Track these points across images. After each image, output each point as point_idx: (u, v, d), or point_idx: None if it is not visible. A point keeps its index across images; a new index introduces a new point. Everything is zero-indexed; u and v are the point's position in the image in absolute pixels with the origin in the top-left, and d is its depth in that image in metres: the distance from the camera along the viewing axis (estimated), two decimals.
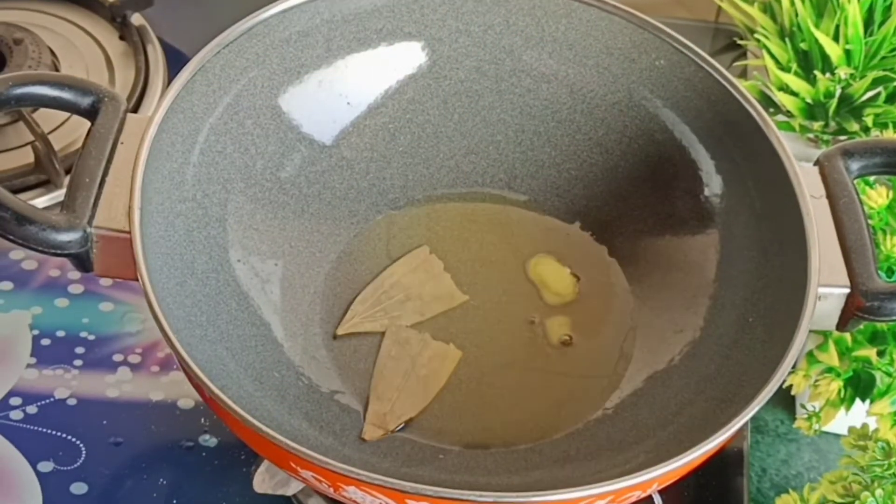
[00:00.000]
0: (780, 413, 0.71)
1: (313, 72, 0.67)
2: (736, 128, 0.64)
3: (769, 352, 0.56)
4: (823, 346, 0.64)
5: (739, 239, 0.64)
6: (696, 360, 0.62)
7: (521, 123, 0.70)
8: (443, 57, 0.69)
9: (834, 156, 0.61)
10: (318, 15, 0.66)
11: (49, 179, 0.76)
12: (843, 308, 0.57)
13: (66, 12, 0.87)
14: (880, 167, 0.62)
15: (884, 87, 0.74)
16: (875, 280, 0.57)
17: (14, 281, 0.72)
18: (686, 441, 0.53)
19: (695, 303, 0.64)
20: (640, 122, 0.68)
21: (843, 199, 0.60)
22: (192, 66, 0.62)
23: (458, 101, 0.70)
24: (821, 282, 0.57)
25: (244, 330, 0.61)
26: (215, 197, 0.63)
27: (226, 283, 0.61)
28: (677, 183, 0.67)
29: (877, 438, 0.59)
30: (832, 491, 0.57)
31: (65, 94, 0.59)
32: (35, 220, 0.55)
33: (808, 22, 0.74)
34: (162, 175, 0.59)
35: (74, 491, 0.63)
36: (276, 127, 0.66)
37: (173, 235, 0.59)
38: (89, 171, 0.57)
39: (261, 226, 0.65)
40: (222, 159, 0.63)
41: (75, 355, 0.69)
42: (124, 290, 0.71)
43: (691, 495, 0.65)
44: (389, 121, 0.69)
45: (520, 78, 0.69)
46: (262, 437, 0.51)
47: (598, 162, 0.69)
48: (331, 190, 0.68)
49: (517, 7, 0.68)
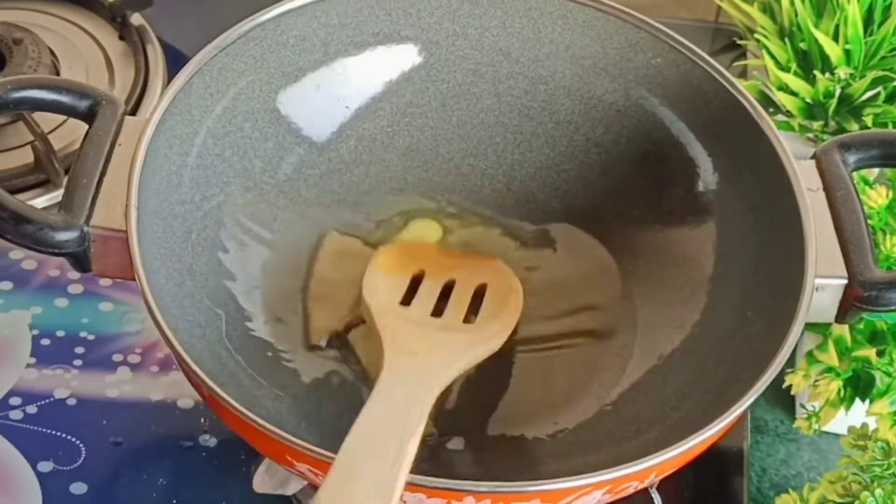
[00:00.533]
0: (780, 413, 0.71)
1: (311, 75, 0.67)
2: (733, 124, 0.64)
3: (767, 345, 0.56)
4: (823, 346, 0.64)
5: (737, 233, 0.64)
6: (694, 354, 0.62)
7: (519, 125, 0.70)
8: (440, 60, 0.69)
9: (830, 149, 0.61)
10: (315, 18, 0.66)
11: (49, 179, 0.76)
12: (842, 299, 0.58)
13: (66, 12, 0.87)
14: (877, 159, 0.62)
15: (883, 86, 0.74)
16: (873, 270, 0.57)
17: (14, 281, 0.72)
18: (684, 433, 0.53)
19: (693, 298, 0.64)
20: (637, 121, 0.68)
21: (840, 192, 0.60)
22: (190, 69, 0.62)
23: (455, 104, 0.70)
24: (818, 273, 0.57)
25: (243, 330, 0.61)
26: (213, 199, 0.63)
27: (224, 284, 0.62)
28: (675, 179, 0.67)
29: (876, 438, 0.59)
30: (832, 491, 0.57)
31: (62, 97, 0.59)
32: (32, 220, 0.55)
33: (808, 22, 0.74)
34: (160, 177, 0.60)
35: (74, 491, 0.63)
36: (273, 130, 0.66)
37: (171, 237, 0.60)
38: (87, 173, 0.57)
39: (259, 228, 0.65)
40: (220, 162, 0.64)
41: (75, 355, 0.69)
42: (124, 290, 0.71)
43: (691, 495, 0.65)
44: (387, 124, 0.69)
45: (517, 80, 0.69)
46: (260, 431, 0.51)
47: (597, 162, 0.69)
48: (329, 193, 0.68)
49: (513, 9, 0.68)
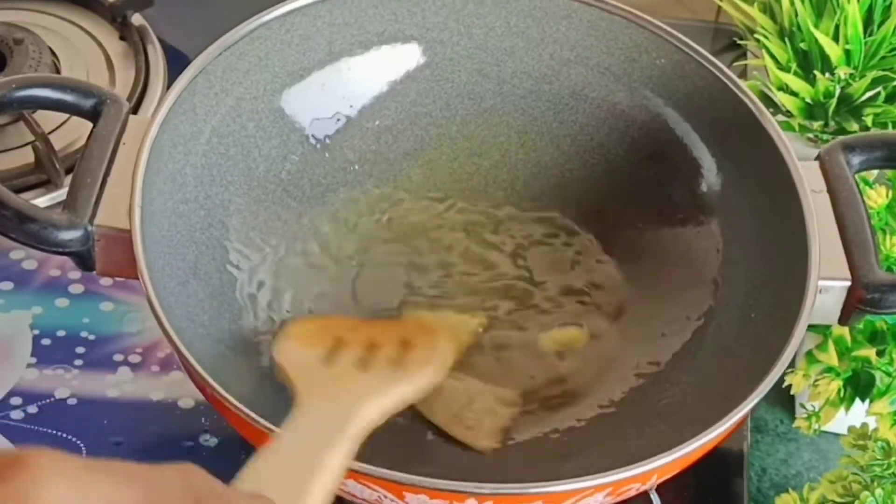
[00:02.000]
0: (780, 413, 0.71)
1: (315, 74, 0.67)
2: (737, 125, 0.64)
3: (770, 346, 0.56)
4: (823, 346, 0.64)
5: (741, 235, 0.64)
6: (697, 355, 0.62)
7: (523, 125, 0.70)
8: (444, 59, 0.69)
9: (834, 150, 0.61)
10: (319, 18, 0.66)
11: (49, 179, 0.76)
12: (845, 301, 0.58)
13: (66, 12, 0.87)
14: (881, 161, 0.62)
15: (883, 86, 0.74)
16: (876, 272, 0.57)
17: (14, 281, 0.72)
18: (687, 435, 0.53)
19: (696, 299, 0.64)
20: (641, 122, 0.68)
21: (843, 193, 0.60)
22: (194, 69, 0.62)
23: (460, 104, 0.70)
24: (822, 275, 0.57)
25: (246, 329, 0.61)
26: (217, 198, 0.63)
27: (228, 283, 0.62)
28: (679, 181, 0.67)
29: (876, 438, 0.59)
30: (832, 490, 0.57)
31: (67, 96, 0.59)
32: (36, 219, 0.55)
33: (808, 22, 0.74)
34: (164, 176, 0.59)
35: None
36: (278, 129, 0.66)
37: (175, 236, 0.60)
38: (91, 172, 0.57)
39: (263, 227, 0.65)
40: (224, 161, 0.64)
41: (76, 355, 0.68)
42: (125, 289, 0.71)
43: (691, 495, 0.65)
44: (392, 123, 0.69)
45: (521, 79, 0.70)
46: (262, 431, 0.51)
47: (601, 162, 0.69)
48: (333, 192, 0.68)
49: (518, 9, 0.69)
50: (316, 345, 0.57)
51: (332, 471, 0.47)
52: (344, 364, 0.56)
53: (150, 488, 0.32)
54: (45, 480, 0.30)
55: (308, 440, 0.49)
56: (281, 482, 0.46)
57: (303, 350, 0.57)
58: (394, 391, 0.55)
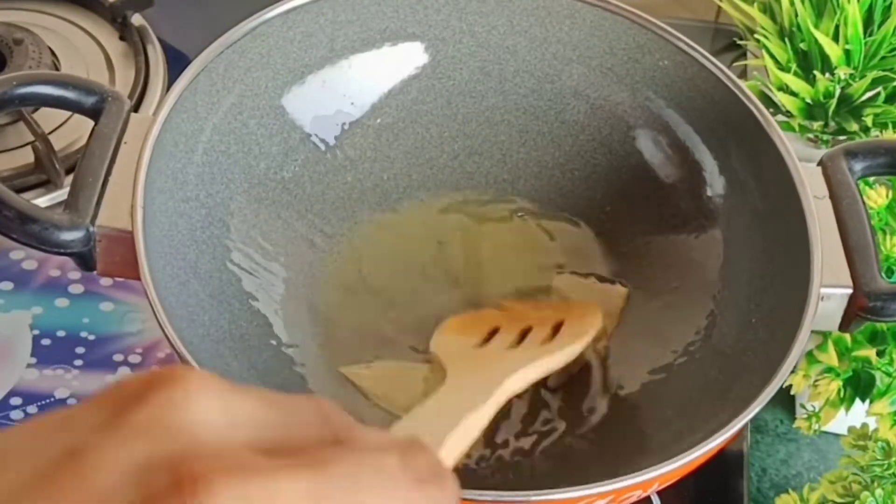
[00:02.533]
0: (780, 413, 0.71)
1: (317, 72, 0.67)
2: (739, 128, 0.64)
3: (771, 352, 0.56)
4: (823, 346, 0.64)
5: (742, 239, 0.64)
6: (698, 360, 0.61)
7: (524, 124, 0.70)
8: (446, 57, 0.69)
9: (837, 156, 0.61)
10: (321, 15, 0.66)
11: (49, 179, 0.76)
12: (846, 308, 0.57)
13: (66, 12, 0.87)
14: (884, 168, 0.62)
15: (883, 87, 0.74)
16: (878, 281, 0.57)
17: (14, 281, 0.72)
18: (687, 442, 0.53)
19: (697, 303, 0.63)
20: (643, 123, 0.68)
21: (846, 200, 0.60)
22: (196, 67, 0.62)
23: (461, 102, 0.70)
24: (823, 282, 0.57)
25: (247, 329, 0.61)
26: (218, 197, 0.63)
27: (229, 283, 0.61)
28: (680, 183, 0.67)
29: (876, 438, 0.59)
30: (832, 491, 0.58)
31: (68, 93, 0.59)
32: (38, 219, 0.55)
33: (808, 22, 0.74)
34: (165, 175, 0.59)
35: None
36: (279, 127, 0.66)
37: (176, 235, 0.59)
38: (92, 171, 0.57)
39: (264, 226, 0.65)
40: (226, 159, 0.63)
41: (75, 355, 0.68)
42: (125, 290, 0.71)
43: (691, 495, 0.65)
44: (393, 121, 0.69)
45: (523, 78, 0.70)
46: None
47: (602, 162, 0.69)
48: (334, 190, 0.68)
49: (521, 8, 0.69)
50: (471, 334, 0.60)
51: (469, 431, 0.48)
52: (495, 346, 0.59)
53: (290, 415, 0.33)
54: (196, 391, 0.31)
55: (452, 402, 0.50)
56: (420, 434, 0.47)
57: (457, 338, 0.60)
58: (539, 363, 0.57)
